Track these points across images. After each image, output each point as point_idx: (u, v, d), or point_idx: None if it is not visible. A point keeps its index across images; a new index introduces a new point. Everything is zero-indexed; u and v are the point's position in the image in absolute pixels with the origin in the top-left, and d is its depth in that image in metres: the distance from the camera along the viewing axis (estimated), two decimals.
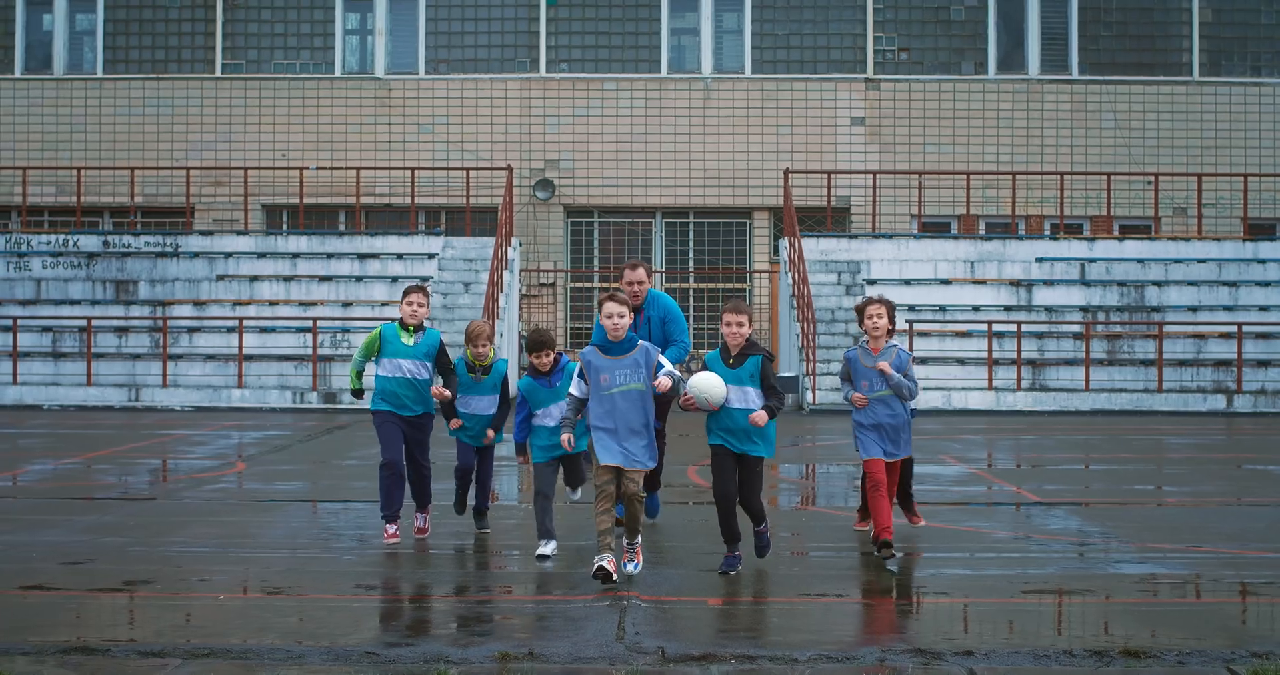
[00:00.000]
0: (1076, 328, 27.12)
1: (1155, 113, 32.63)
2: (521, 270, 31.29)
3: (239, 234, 29.99)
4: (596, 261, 32.60)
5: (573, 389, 9.15)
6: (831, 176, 31.45)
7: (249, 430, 21.04)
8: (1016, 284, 28.32)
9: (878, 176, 31.51)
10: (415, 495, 10.85)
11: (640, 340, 9.23)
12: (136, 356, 26.66)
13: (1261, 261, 29.07)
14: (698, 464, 15.97)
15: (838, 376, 10.49)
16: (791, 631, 7.77)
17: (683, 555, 10.10)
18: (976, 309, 27.58)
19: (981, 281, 28.44)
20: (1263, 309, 27.80)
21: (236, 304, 27.79)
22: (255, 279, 28.42)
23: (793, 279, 27.93)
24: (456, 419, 10.62)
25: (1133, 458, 17.83)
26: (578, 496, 10.34)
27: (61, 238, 29.59)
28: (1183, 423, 23.46)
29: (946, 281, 28.28)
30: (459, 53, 32.80)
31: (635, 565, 9.10)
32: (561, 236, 32.64)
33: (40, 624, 7.75)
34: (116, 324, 27.25)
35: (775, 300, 31.31)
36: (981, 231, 31.76)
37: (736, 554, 9.40)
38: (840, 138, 32.45)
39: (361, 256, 28.99)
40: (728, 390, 9.17)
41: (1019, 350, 26.04)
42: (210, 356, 26.60)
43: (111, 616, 8.09)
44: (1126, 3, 32.90)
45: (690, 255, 32.72)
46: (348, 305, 27.73)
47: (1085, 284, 28.41)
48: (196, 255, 29.07)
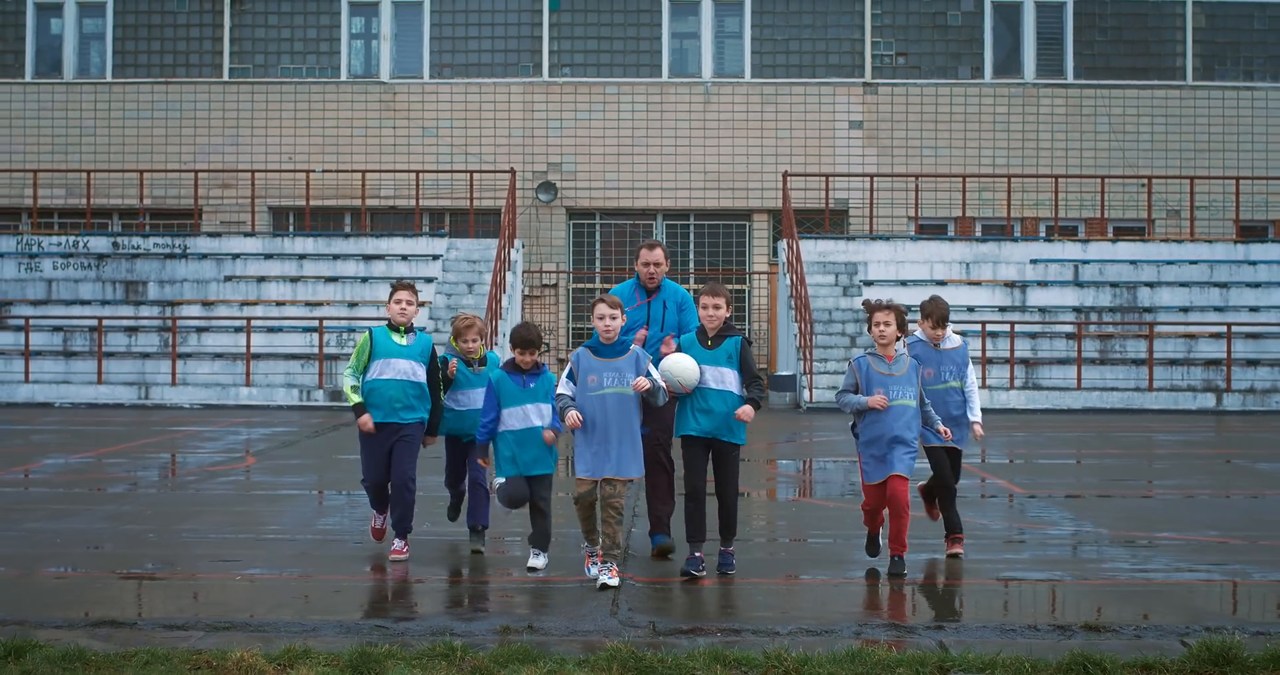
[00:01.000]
0: (1069, 328, 27.58)
1: (1149, 116, 33.08)
2: (524, 271, 31.77)
3: (246, 235, 30.50)
4: (598, 263, 33.07)
5: (563, 388, 9.01)
6: (830, 179, 31.91)
7: (257, 427, 21.53)
8: (1011, 285, 28.78)
9: (875, 179, 31.98)
10: (397, 521, 9.80)
11: (634, 346, 9.17)
12: (146, 355, 27.15)
13: (1252, 263, 29.54)
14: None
15: (839, 389, 9.52)
16: (775, 609, 8.26)
17: (675, 539, 10.55)
18: (971, 309, 28.05)
19: (977, 282, 28.91)
20: (1253, 310, 28.26)
21: (244, 304, 28.27)
22: (262, 280, 28.92)
23: (791, 280, 28.40)
24: (432, 437, 9.94)
25: (1121, 454, 18.30)
26: (538, 563, 9.41)
27: (72, 239, 30.09)
28: (1173, 421, 23.92)
29: (942, 282, 28.74)
30: (463, 57, 33.28)
31: (613, 579, 8.75)
32: (564, 238, 33.12)
33: (69, 601, 8.24)
34: (126, 324, 27.74)
35: (774, 301, 31.78)
36: (977, 233, 32.21)
37: (699, 555, 9.12)
38: (838, 141, 32.92)
39: (367, 258, 29.48)
40: (703, 371, 9.02)
41: (1012, 350, 26.51)
42: (218, 355, 27.09)
43: (135, 595, 8.58)
44: (1121, 8, 33.36)
45: (690, 256, 33.18)
46: (353, 305, 28.22)
47: (1079, 285, 28.87)
48: (204, 256, 29.56)
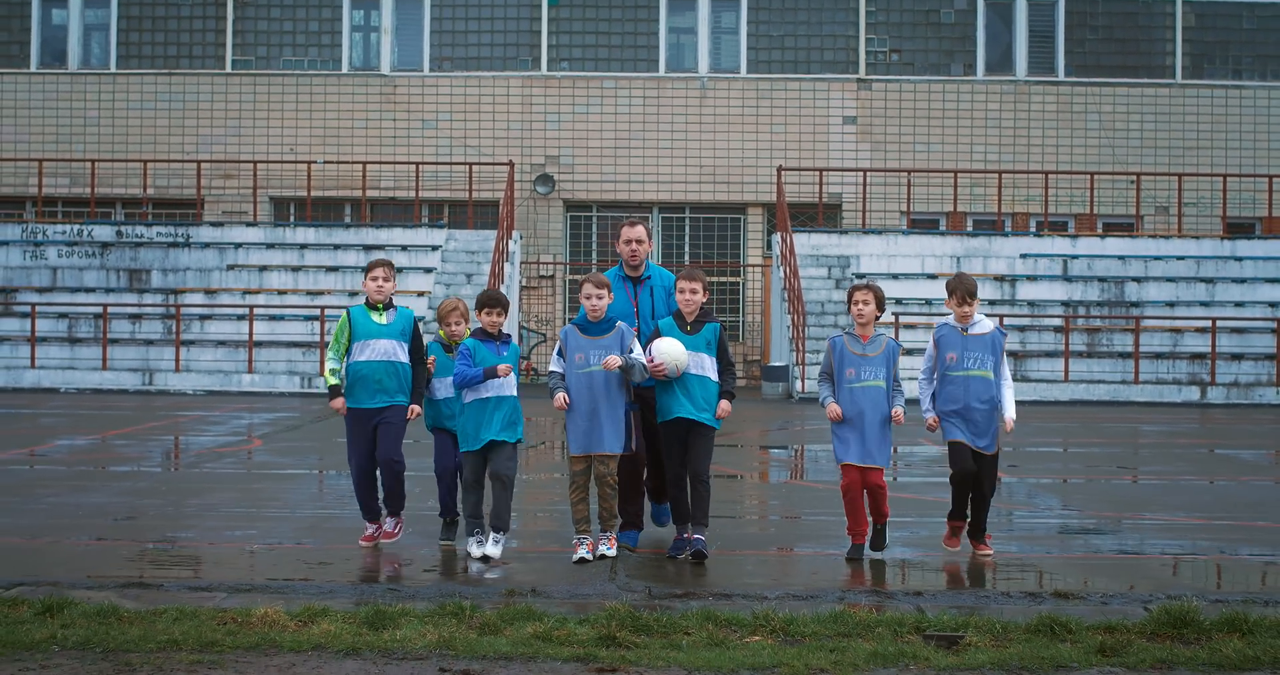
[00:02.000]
0: (1058, 321, 28.07)
1: (1139, 114, 33.57)
2: (522, 262, 32.23)
3: (248, 225, 30.95)
4: (595, 254, 33.53)
5: (554, 366, 9.23)
6: (823, 174, 32.38)
7: (260, 412, 21.99)
8: (1001, 279, 29.27)
9: (868, 174, 32.46)
10: (388, 498, 9.65)
11: (620, 322, 9.27)
12: (150, 342, 27.61)
13: (1238, 259, 30.04)
14: None
15: (820, 369, 9.48)
16: (765, 577, 8.76)
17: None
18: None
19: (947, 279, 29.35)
20: (1238, 305, 28.76)
21: (246, 293, 28.73)
22: (264, 269, 29.38)
23: (784, 273, 28.88)
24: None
25: (1105, 442, 18.80)
26: (487, 550, 9.15)
27: (76, 227, 30.52)
28: (1158, 413, 24.42)
29: (933, 276, 29.21)
30: (463, 51, 33.73)
31: (610, 548, 9.19)
32: (561, 230, 33.60)
33: (98, 565, 8.72)
34: (130, 311, 28.18)
35: (768, 293, 32.26)
36: (968, 228, 32.71)
37: (687, 536, 9.29)
38: (832, 136, 33.39)
39: (367, 248, 29.94)
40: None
41: None
42: (221, 343, 27.55)
43: (157, 561, 9.05)
44: (1112, 7, 33.84)
45: (685, 249, 33.65)
46: (354, 295, 28.63)
47: (1067, 279, 29.38)
48: (207, 245, 30.01)
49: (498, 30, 33.63)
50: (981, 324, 9.43)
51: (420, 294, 28.49)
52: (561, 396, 9.09)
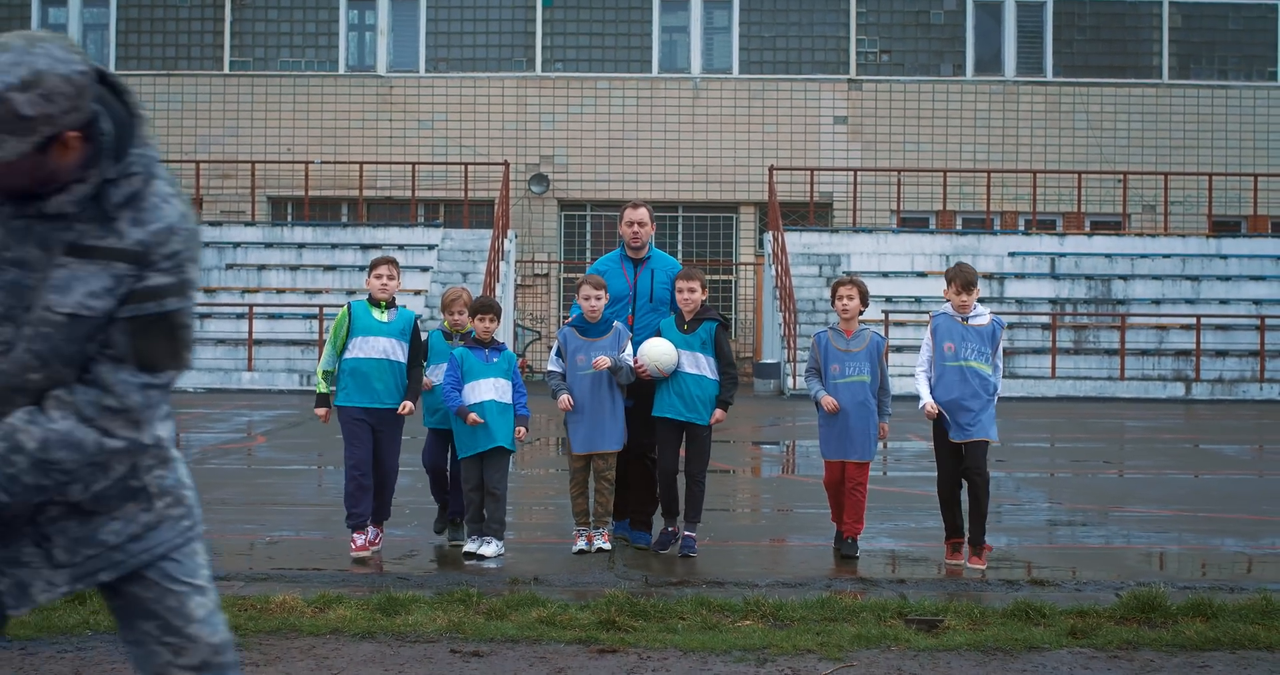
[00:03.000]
0: (1045, 319, 28.52)
1: (1126, 114, 34.03)
2: (517, 261, 32.64)
3: (246, 225, 31.34)
4: (589, 253, 33.94)
5: (553, 366, 9.46)
6: (814, 173, 32.81)
7: (261, 409, 22.39)
8: (989, 277, 29.69)
9: (859, 173, 32.89)
10: (378, 508, 9.51)
11: (617, 323, 9.42)
12: None
13: (1223, 257, 30.50)
14: None
15: (807, 366, 9.46)
16: (756, 566, 9.19)
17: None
18: None
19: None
20: (1223, 302, 29.21)
21: (245, 291, 29.12)
22: (263, 268, 29.78)
23: (776, 271, 29.31)
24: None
25: (1091, 438, 19.23)
26: (487, 551, 9.24)
27: None
28: (1143, 409, 24.87)
29: (923, 274, 29.65)
30: (458, 52, 34.13)
31: (605, 542, 9.45)
32: (555, 229, 34.01)
33: None
34: None
35: (759, 291, 32.68)
36: (958, 227, 33.15)
37: (672, 530, 9.51)
38: (823, 136, 33.82)
39: (364, 247, 30.33)
40: (680, 356, 9.24)
41: None
42: (221, 341, 27.94)
43: None
44: (1099, 8, 34.29)
45: (679, 248, 34.05)
46: (352, 293, 29.02)
47: (1055, 277, 29.82)
48: (206, 244, 30.38)
49: (493, 32, 34.02)
50: (981, 315, 9.31)
51: (417, 292, 28.88)
52: (566, 398, 9.28)
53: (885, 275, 29.52)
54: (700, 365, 9.27)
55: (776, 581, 8.53)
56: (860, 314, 9.39)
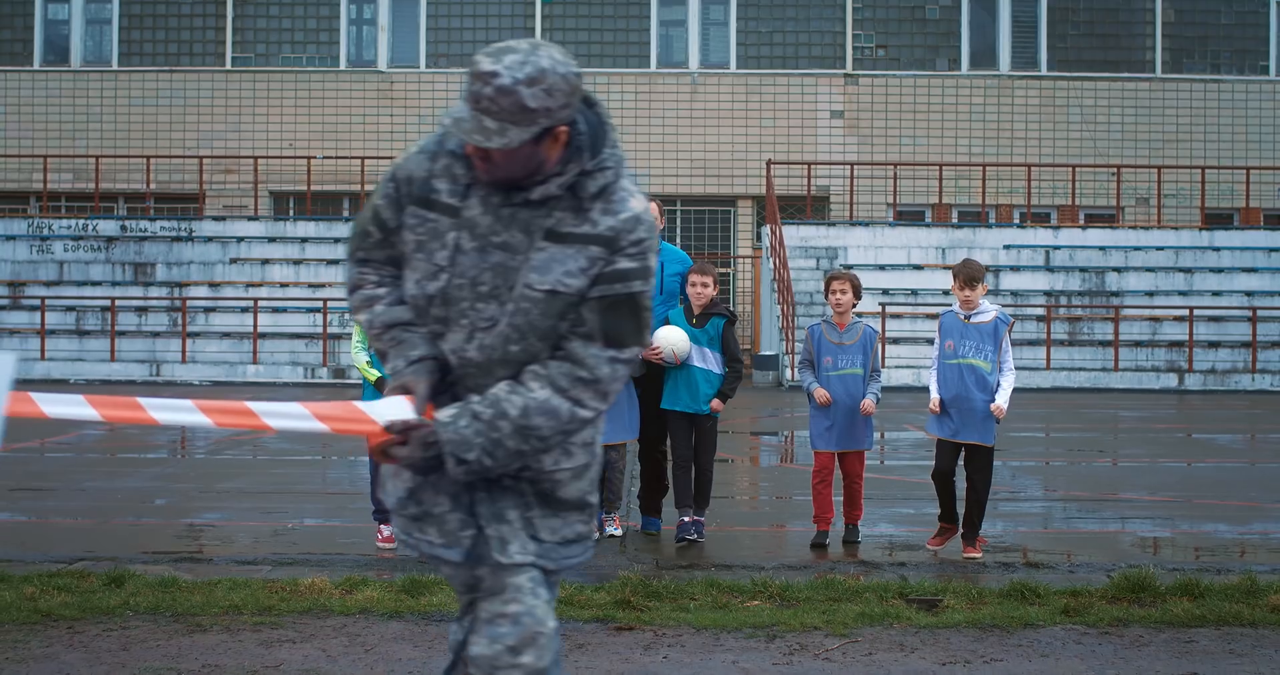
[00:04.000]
0: (1040, 311, 28.88)
1: (1119, 107, 34.39)
2: None
3: (249, 219, 31.67)
4: None
5: None
6: (811, 167, 33.13)
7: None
8: (984, 269, 29.99)
9: (855, 167, 33.23)
10: None
11: None
12: (156, 334, 28.34)
13: (1216, 249, 30.86)
14: None
15: (800, 359, 9.63)
16: (761, 550, 9.56)
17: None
18: (946, 292, 29.23)
19: (951, 267, 30.13)
20: (1215, 294, 29.59)
21: (249, 285, 29.45)
22: (266, 262, 30.10)
23: (774, 264, 29.65)
24: None
25: (1085, 428, 19.59)
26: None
27: (81, 222, 31.21)
28: (1137, 399, 25.22)
29: (919, 267, 30.01)
30: (458, 47, 34.44)
31: (617, 529, 9.62)
32: None
33: (148, 542, 9.46)
34: (136, 304, 28.89)
35: (757, 284, 33.02)
36: (953, 220, 33.50)
37: (687, 520, 9.59)
38: (820, 130, 34.17)
39: None
40: (690, 349, 9.36)
41: None
42: (226, 335, 28.28)
43: (202, 537, 9.80)
44: (1093, 2, 34.64)
45: (677, 241, 34.36)
46: None
47: (1049, 270, 30.17)
48: (210, 239, 30.71)
49: (492, 27, 34.33)
50: (985, 312, 9.32)
51: None
52: None
53: (882, 268, 29.87)
54: (707, 360, 9.47)
55: (782, 564, 8.87)
56: (854, 307, 9.62)
